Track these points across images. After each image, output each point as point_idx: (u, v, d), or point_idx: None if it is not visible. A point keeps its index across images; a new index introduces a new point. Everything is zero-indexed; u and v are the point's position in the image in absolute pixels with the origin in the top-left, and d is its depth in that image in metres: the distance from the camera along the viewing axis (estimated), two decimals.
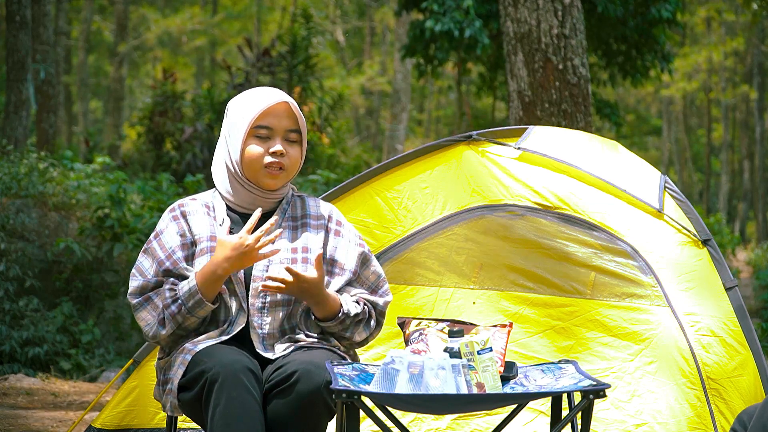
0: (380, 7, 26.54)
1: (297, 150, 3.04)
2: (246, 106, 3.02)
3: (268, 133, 3.00)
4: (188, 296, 2.87)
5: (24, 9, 10.57)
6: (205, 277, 2.87)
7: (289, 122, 3.02)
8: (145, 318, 2.94)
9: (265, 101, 3.00)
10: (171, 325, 2.90)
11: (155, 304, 2.93)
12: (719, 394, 3.61)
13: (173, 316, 2.88)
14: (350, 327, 3.00)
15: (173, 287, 2.91)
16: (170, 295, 2.90)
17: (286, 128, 3.02)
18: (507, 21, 5.85)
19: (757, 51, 27.54)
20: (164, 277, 2.94)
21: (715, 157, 35.10)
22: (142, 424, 3.92)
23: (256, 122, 2.99)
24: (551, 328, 3.80)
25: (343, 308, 2.96)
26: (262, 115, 2.99)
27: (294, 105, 3.04)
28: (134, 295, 2.95)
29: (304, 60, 14.05)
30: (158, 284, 2.94)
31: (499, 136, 4.16)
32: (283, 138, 3.02)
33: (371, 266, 3.10)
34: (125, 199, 8.59)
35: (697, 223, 3.92)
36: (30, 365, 7.44)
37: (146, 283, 2.95)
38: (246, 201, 3.05)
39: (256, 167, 2.99)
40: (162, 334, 2.91)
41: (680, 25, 12.72)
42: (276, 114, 3.01)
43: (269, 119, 3.00)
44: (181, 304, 2.88)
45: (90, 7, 24.68)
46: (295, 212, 3.09)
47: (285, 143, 3.02)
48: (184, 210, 3.05)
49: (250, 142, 2.99)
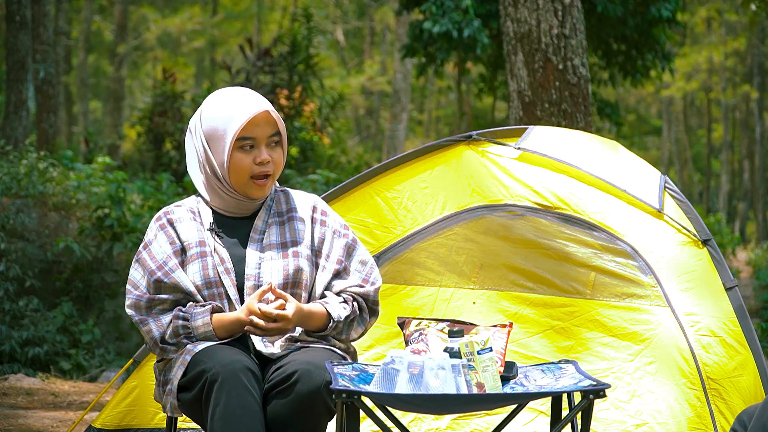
0: (380, 7, 26.53)
1: (280, 152, 3.03)
2: (225, 115, 2.97)
3: (252, 143, 2.98)
4: (203, 337, 2.89)
5: (24, 9, 10.58)
6: (223, 327, 2.88)
7: (270, 128, 3.00)
8: (146, 334, 2.95)
9: (245, 112, 2.95)
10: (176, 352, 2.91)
11: (150, 329, 2.92)
12: (719, 394, 3.61)
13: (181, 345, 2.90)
14: (344, 330, 3.00)
15: (187, 325, 2.90)
16: (183, 332, 2.90)
17: (268, 135, 2.99)
18: (507, 21, 5.84)
19: (758, 51, 27.54)
20: (156, 289, 2.93)
21: (715, 157, 35.10)
22: (142, 424, 3.92)
23: (240, 134, 2.96)
24: (551, 328, 3.80)
25: (332, 317, 2.95)
26: (246, 127, 2.96)
27: (272, 110, 3.00)
28: (131, 311, 2.96)
29: (304, 60, 14.05)
30: (150, 302, 2.93)
31: (499, 136, 4.16)
32: (266, 144, 3.00)
33: (358, 255, 3.08)
34: (125, 198, 8.60)
35: (697, 223, 3.92)
36: (30, 365, 7.44)
37: (138, 301, 2.94)
38: (230, 206, 3.04)
39: (243, 179, 2.98)
40: (167, 357, 2.93)
41: (680, 25, 12.72)
42: (257, 123, 2.97)
43: (253, 130, 2.97)
44: (195, 339, 2.89)
45: (90, 7, 24.67)
46: (280, 207, 3.08)
47: (268, 149, 3.00)
48: (170, 218, 3.03)
49: (235, 154, 2.96)
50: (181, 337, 2.89)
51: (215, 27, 27.77)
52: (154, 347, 2.93)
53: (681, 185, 30.38)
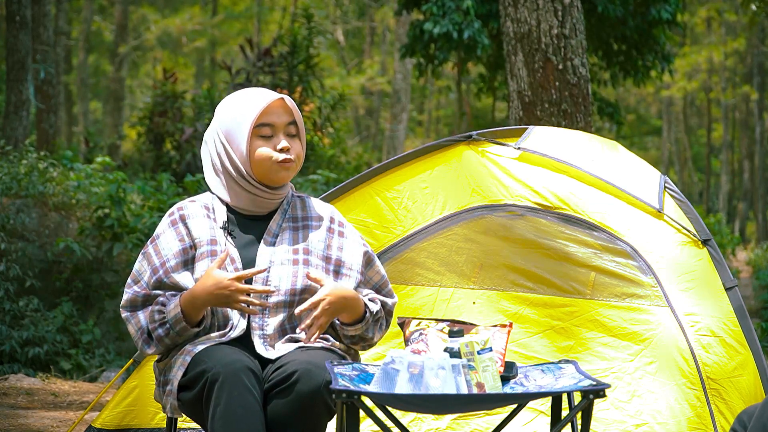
0: (380, 7, 26.53)
1: (298, 143, 3.04)
2: (241, 108, 2.99)
3: (270, 131, 2.99)
4: (174, 321, 2.87)
5: (24, 9, 10.58)
6: (187, 302, 2.86)
7: (287, 116, 3.02)
8: (131, 332, 2.95)
9: (262, 100, 2.99)
10: (158, 347, 2.90)
11: (138, 319, 2.91)
12: (719, 394, 3.61)
13: (160, 339, 2.88)
14: (371, 327, 3.00)
15: (162, 309, 2.89)
16: (158, 318, 2.88)
17: (285, 123, 3.01)
18: (507, 21, 5.84)
19: (758, 51, 27.55)
20: (155, 288, 2.93)
21: (715, 157, 35.11)
22: (142, 424, 3.92)
23: (258, 121, 2.98)
24: (551, 328, 3.80)
25: (368, 307, 2.96)
26: (263, 114, 2.98)
27: (289, 99, 3.03)
28: (125, 308, 2.96)
29: (304, 60, 14.04)
30: (146, 298, 2.93)
31: (499, 136, 4.16)
32: (285, 133, 3.01)
33: (375, 266, 3.09)
34: (125, 199, 8.59)
35: (697, 223, 3.92)
36: (30, 365, 7.44)
37: (135, 297, 2.94)
38: (247, 204, 3.04)
39: (266, 164, 2.97)
40: (148, 352, 2.92)
41: (680, 26, 12.72)
42: (275, 111, 3.00)
43: (270, 117, 2.99)
44: (169, 328, 2.87)
45: (90, 7, 24.68)
46: (296, 213, 3.08)
47: (287, 138, 3.01)
48: (183, 213, 3.03)
49: (254, 142, 2.98)
50: (156, 324, 2.87)
51: (215, 27, 27.78)
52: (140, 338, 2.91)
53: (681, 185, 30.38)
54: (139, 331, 2.91)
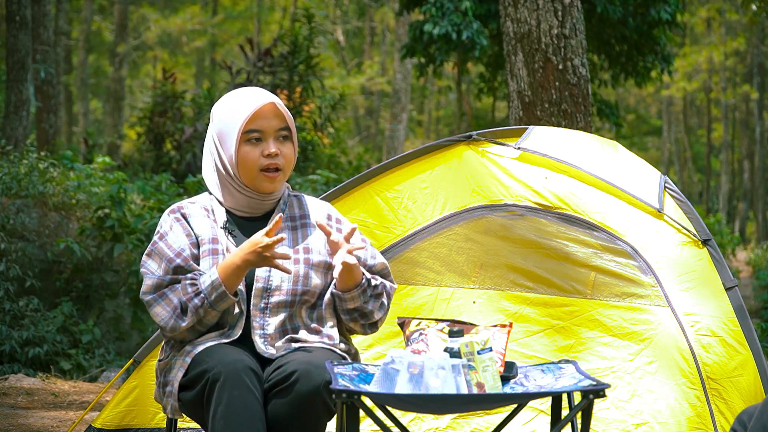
0: (380, 8, 26.53)
1: (290, 147, 3.03)
2: (232, 111, 2.98)
3: (259, 136, 2.98)
4: (211, 289, 2.86)
5: (24, 9, 10.58)
6: (227, 271, 2.86)
7: (278, 121, 3.00)
8: (159, 313, 2.90)
9: (251, 104, 2.96)
10: (192, 318, 2.87)
11: (170, 299, 2.89)
12: (719, 394, 3.61)
13: (196, 309, 2.86)
14: (371, 300, 2.99)
15: (194, 281, 2.89)
16: (192, 290, 2.87)
17: (276, 128, 2.99)
18: (507, 21, 5.84)
19: (758, 51, 27.56)
20: (175, 274, 2.92)
21: (715, 157, 35.11)
22: (142, 424, 3.92)
23: (246, 127, 2.96)
24: (551, 327, 3.80)
25: (365, 275, 2.97)
26: (251, 119, 2.96)
27: (279, 103, 3.01)
28: (147, 293, 2.92)
29: (305, 60, 14.04)
30: (172, 282, 2.92)
31: (499, 136, 4.16)
32: (275, 138, 3.00)
33: (376, 257, 3.10)
34: (125, 199, 8.59)
35: (697, 223, 3.92)
36: (30, 365, 7.44)
37: (161, 281, 2.92)
38: (243, 205, 3.04)
39: (252, 172, 2.97)
40: (182, 326, 2.87)
41: (680, 26, 12.73)
42: (264, 116, 2.98)
43: (258, 122, 2.97)
44: (204, 297, 2.86)
45: (90, 7, 24.68)
46: (293, 212, 3.08)
47: (277, 143, 3.00)
48: (184, 212, 3.03)
49: (242, 147, 2.96)
50: (191, 294, 2.86)
51: (215, 27, 27.78)
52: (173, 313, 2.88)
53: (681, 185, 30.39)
54: (172, 308, 2.88)
